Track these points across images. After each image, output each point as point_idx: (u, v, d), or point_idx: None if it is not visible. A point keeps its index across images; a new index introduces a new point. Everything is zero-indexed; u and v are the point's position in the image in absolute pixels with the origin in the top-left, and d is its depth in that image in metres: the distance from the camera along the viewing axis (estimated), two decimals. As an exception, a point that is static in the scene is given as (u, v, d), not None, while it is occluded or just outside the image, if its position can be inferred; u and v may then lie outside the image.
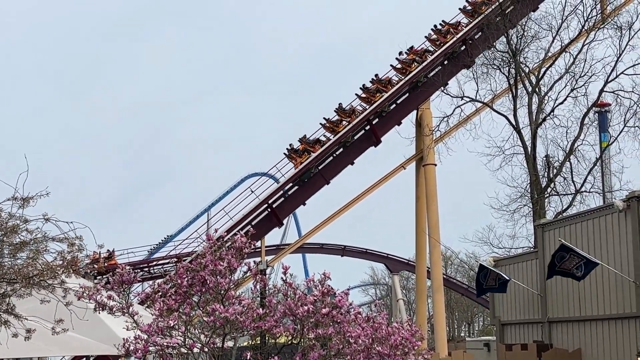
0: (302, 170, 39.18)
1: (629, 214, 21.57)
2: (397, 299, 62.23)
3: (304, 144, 39.88)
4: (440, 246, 42.47)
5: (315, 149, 39.54)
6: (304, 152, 39.53)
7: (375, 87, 40.97)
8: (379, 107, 40.52)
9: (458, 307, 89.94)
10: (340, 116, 40.45)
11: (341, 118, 40.35)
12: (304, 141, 40.01)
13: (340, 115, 40.48)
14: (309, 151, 39.50)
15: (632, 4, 38.27)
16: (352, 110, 40.63)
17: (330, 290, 10.12)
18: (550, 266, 22.63)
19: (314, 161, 39.32)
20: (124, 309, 10.29)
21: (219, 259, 10.14)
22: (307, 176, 39.67)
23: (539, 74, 38.37)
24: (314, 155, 39.31)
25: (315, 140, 40.06)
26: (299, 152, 39.66)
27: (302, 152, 39.57)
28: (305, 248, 58.18)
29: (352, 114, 40.38)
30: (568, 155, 37.72)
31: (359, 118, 40.16)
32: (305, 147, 39.70)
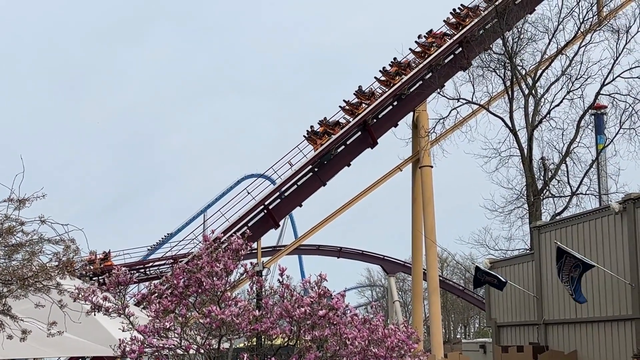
0: (323, 152, 39.45)
1: (624, 216, 21.60)
2: (393, 300, 62.24)
3: (324, 126, 40.15)
4: (436, 248, 42.49)
5: (335, 131, 39.85)
6: (324, 134, 39.83)
7: (395, 71, 41.12)
8: (399, 90, 40.66)
9: (454, 309, 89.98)
10: (359, 99, 40.71)
11: (361, 100, 40.60)
12: (324, 123, 40.29)
13: (359, 97, 40.76)
14: (329, 133, 39.79)
15: (629, 6, 38.30)
16: (372, 93, 40.88)
17: (327, 292, 10.11)
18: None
19: (334, 143, 39.63)
20: (120, 310, 10.28)
21: (215, 261, 10.13)
22: (327, 158, 39.98)
23: (535, 76, 38.43)
24: (334, 137, 39.60)
25: (335, 122, 40.36)
26: (319, 134, 39.91)
27: (322, 134, 39.86)
28: (302, 249, 58.12)
29: (371, 97, 40.65)
30: (564, 157, 37.77)
31: (378, 100, 40.43)
32: (326, 129, 39.97)
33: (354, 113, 40.17)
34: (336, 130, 39.82)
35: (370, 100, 40.42)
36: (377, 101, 40.30)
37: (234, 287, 10.57)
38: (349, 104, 40.53)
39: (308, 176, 40.33)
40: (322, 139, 39.61)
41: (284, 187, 40.04)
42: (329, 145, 39.37)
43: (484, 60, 39.88)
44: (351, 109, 40.37)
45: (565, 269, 21.66)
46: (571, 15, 38.39)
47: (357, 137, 40.96)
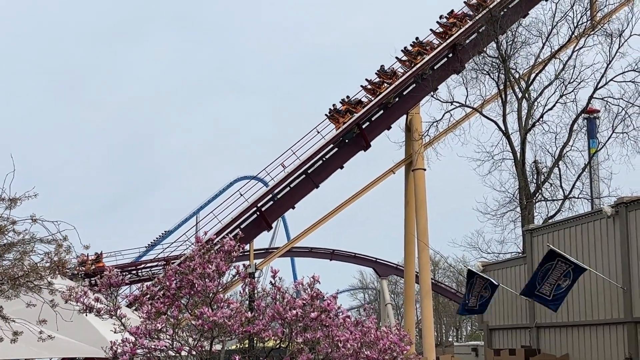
0: (345, 130, 39.68)
1: (617, 220, 21.63)
2: (386, 303, 62.24)
3: (346, 105, 40.37)
4: (429, 251, 42.48)
5: (357, 110, 40.04)
6: (346, 113, 40.09)
7: (417, 50, 41.27)
8: (421, 70, 40.71)
9: (446, 312, 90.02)
10: (381, 78, 40.87)
11: (383, 80, 40.77)
12: (346, 102, 40.50)
13: (381, 77, 40.94)
14: (351, 111, 40.01)
15: (622, 10, 38.39)
16: (393, 72, 41.09)
17: (319, 294, 10.09)
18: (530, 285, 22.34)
19: (356, 121, 39.81)
20: (112, 312, 10.24)
21: (207, 262, 10.10)
22: (349, 137, 40.20)
23: (529, 79, 38.51)
24: (357, 115, 39.81)
25: (357, 101, 40.57)
26: (341, 112, 40.16)
27: (344, 112, 40.10)
28: (294, 252, 58.08)
29: (393, 76, 40.85)
30: (557, 161, 37.86)
31: (400, 80, 40.61)
32: (348, 107, 40.19)
33: (376, 92, 40.39)
34: (358, 108, 40.11)
35: (392, 79, 40.67)
36: (398, 80, 40.53)
37: (226, 288, 10.55)
38: (371, 83, 40.83)
39: (301, 178, 40.30)
40: (345, 117, 39.91)
41: (276, 189, 40.01)
42: (351, 124, 39.64)
43: (478, 63, 39.92)
44: (373, 88, 40.63)
45: (554, 274, 21.64)
46: (565, 19, 38.53)
47: (351, 140, 40.95)
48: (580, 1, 38.79)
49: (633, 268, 20.81)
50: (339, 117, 39.80)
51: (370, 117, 41.00)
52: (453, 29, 41.07)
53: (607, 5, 38.72)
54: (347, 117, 39.75)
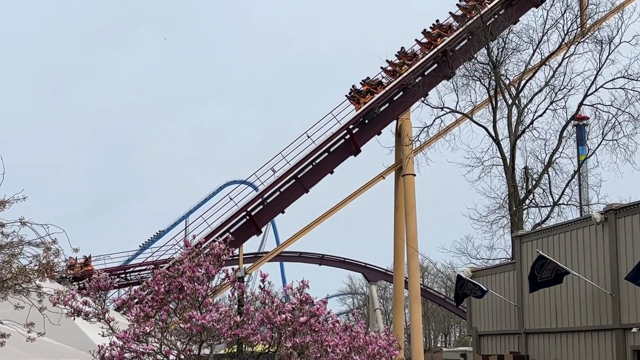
0: (365, 110, 39.95)
1: (606, 226, 21.70)
2: (375, 308, 62.22)
3: (366, 86, 40.59)
4: (418, 256, 42.50)
5: (378, 91, 40.29)
6: (367, 93, 40.36)
7: (437, 32, 41.51)
8: (441, 52, 40.94)
9: (435, 318, 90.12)
10: (402, 59, 41.10)
11: (403, 61, 41.00)
12: (366, 83, 40.73)
13: (402, 58, 41.16)
14: (372, 92, 40.24)
15: (612, 18, 38.53)
16: (414, 54, 41.35)
17: (309, 299, 10.07)
18: (531, 278, 22.62)
19: (377, 102, 40.02)
20: (100, 315, 10.19)
21: (196, 266, 10.07)
22: (370, 117, 40.39)
23: (519, 86, 38.58)
24: (377, 95, 40.09)
25: (377, 82, 40.87)
26: (362, 92, 40.41)
27: (365, 92, 40.37)
28: (283, 256, 58.01)
29: (413, 58, 41.10)
30: (546, 167, 37.92)
31: (420, 61, 40.87)
32: (369, 88, 40.43)
33: (396, 73, 40.64)
34: (379, 89, 40.38)
35: (413, 60, 40.92)
36: (418, 62, 40.82)
37: (215, 292, 10.51)
38: (392, 64, 41.13)
39: (291, 183, 40.28)
40: (366, 97, 40.17)
41: (266, 193, 39.96)
42: (372, 104, 39.86)
43: (469, 69, 40.00)
44: (393, 69, 40.93)
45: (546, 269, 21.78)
46: (555, 27, 38.62)
47: (341, 145, 40.95)
48: (570, 8, 38.95)
49: (622, 275, 20.86)
50: (359, 98, 40.11)
51: (362, 122, 41.03)
52: (472, 11, 41.24)
53: (597, 12, 38.85)
54: (368, 98, 40.12)
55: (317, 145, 39.85)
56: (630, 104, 36.81)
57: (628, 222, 20.92)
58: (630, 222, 20.86)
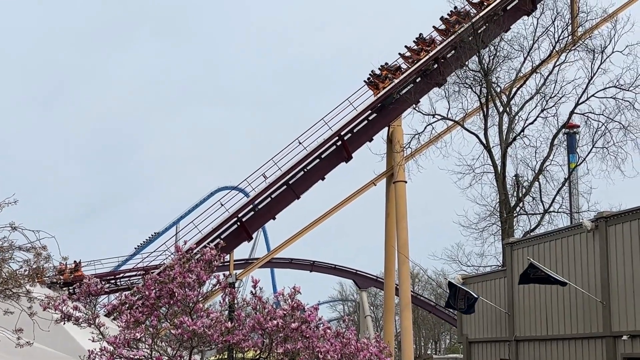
0: (385, 95, 40.39)
1: (596, 234, 21.73)
2: (365, 315, 62.20)
3: (385, 71, 41.02)
4: (409, 263, 42.52)
5: (397, 76, 40.66)
6: (386, 78, 40.86)
7: (455, 19, 41.98)
8: (458, 38, 41.04)
9: (425, 325, 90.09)
10: (420, 45, 41.59)
11: (422, 47, 41.47)
12: (385, 68, 41.16)
13: (420, 44, 41.65)
14: (390, 77, 40.72)
15: (604, 27, 38.64)
16: (432, 40, 41.87)
17: (300, 305, 10.04)
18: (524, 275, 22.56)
19: (396, 87, 40.45)
20: (90, 320, 10.15)
21: (187, 271, 10.04)
22: (389, 101, 40.65)
23: (510, 93, 38.66)
24: (396, 81, 40.58)
25: (396, 67, 41.34)
26: (381, 77, 40.92)
27: (384, 77, 40.86)
28: (274, 263, 58.03)
29: (431, 44, 41.60)
30: (537, 175, 37.98)
31: (438, 48, 41.31)
32: (387, 73, 40.85)
33: (414, 60, 41.24)
34: (397, 74, 40.86)
35: (431, 47, 41.40)
36: (437, 48, 41.25)
37: (206, 298, 10.48)
38: (410, 50, 41.61)
39: (282, 189, 40.27)
40: (385, 82, 40.60)
41: (257, 199, 39.95)
42: (391, 89, 40.23)
43: (460, 76, 40.10)
44: (412, 55, 41.49)
45: None
46: (546, 35, 38.74)
47: (332, 151, 40.98)
48: (561, 16, 39.09)
49: (612, 282, 20.91)
50: (378, 83, 40.56)
51: (352, 129, 41.06)
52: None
53: (587, 20, 38.99)
54: (387, 83, 40.47)
55: (308, 151, 39.88)
56: (621, 112, 36.97)
57: (619, 229, 20.96)
58: (620, 229, 20.90)
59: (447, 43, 41.09)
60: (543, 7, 40.45)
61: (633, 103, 36.69)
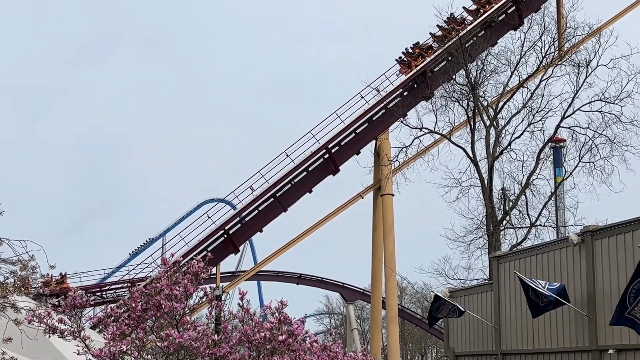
0: (416, 73, 40.80)
1: (583, 248, 21.79)
2: (352, 328, 62.05)
3: (418, 49, 41.56)
4: (396, 276, 42.49)
5: (429, 54, 41.12)
6: (418, 57, 41.40)
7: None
8: (489, 18, 41.83)
9: (411, 338, 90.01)
10: (451, 25, 42.03)
11: (453, 27, 41.87)
12: (417, 47, 41.68)
13: (451, 24, 42.09)
14: (423, 55, 41.26)
15: (589, 41, 38.91)
16: (463, 20, 42.24)
17: (287, 318, 10.01)
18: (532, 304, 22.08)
19: (429, 64, 40.90)
20: (75, 333, 10.08)
21: (174, 284, 10.00)
22: (421, 80, 40.77)
23: (497, 107, 38.84)
24: (429, 59, 41.01)
25: (428, 46, 41.87)
26: (413, 55, 41.47)
27: (417, 55, 41.43)
28: (261, 275, 57.83)
29: (462, 24, 41.95)
30: (524, 189, 38.14)
31: (469, 27, 41.74)
32: (420, 52, 41.46)
33: (445, 38, 41.55)
34: (429, 53, 41.34)
35: (462, 26, 41.76)
36: (468, 28, 41.65)
37: (193, 311, 10.44)
38: (442, 29, 42.04)
39: (269, 202, 40.23)
40: (417, 60, 41.08)
41: (244, 212, 39.89)
42: (424, 67, 40.71)
43: (447, 90, 40.27)
44: (443, 34, 41.92)
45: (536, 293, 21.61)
46: (533, 49, 39.00)
47: (319, 164, 40.99)
48: (548, 31, 39.38)
49: (598, 296, 20.95)
50: (411, 60, 41.13)
51: (340, 141, 41.10)
52: (418, 59, 41.80)
53: (574, 36, 39.27)
54: (420, 61, 40.90)
55: (295, 164, 39.88)
56: (607, 126, 37.19)
57: (605, 243, 21.02)
58: (607, 243, 20.96)
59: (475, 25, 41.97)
60: (530, 22, 40.79)
61: (619, 116, 36.96)
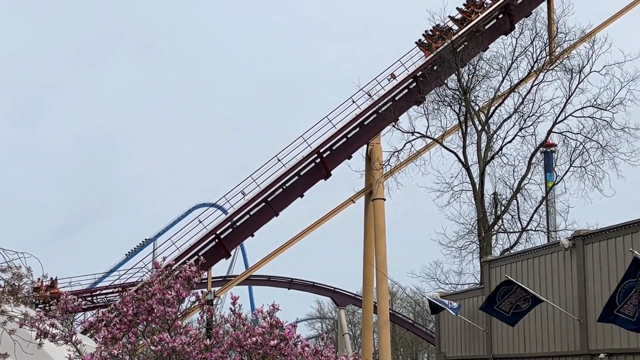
0: (436, 56, 41.08)
1: (574, 252, 21.85)
2: (343, 333, 62.04)
3: (438, 31, 42.12)
4: (387, 281, 42.49)
5: (449, 36, 41.50)
6: (438, 39, 42.01)
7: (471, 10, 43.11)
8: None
9: (403, 343, 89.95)
10: (471, 8, 42.68)
11: (472, 9, 42.58)
12: (437, 29, 42.17)
13: (471, 7, 42.73)
14: (443, 38, 41.85)
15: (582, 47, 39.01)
16: (482, 2, 42.97)
17: (279, 323, 9.99)
18: (490, 301, 22.59)
19: (449, 46, 40.89)
20: (67, 337, 10.05)
21: (166, 288, 9.97)
22: (440, 63, 40.97)
23: (489, 112, 38.90)
24: (449, 41, 41.14)
25: (447, 28, 42.43)
26: (434, 37, 42.12)
27: (437, 37, 42.12)
28: (252, 280, 57.82)
29: (482, 6, 42.72)
30: (515, 193, 38.19)
31: (489, 9, 42.50)
32: (440, 34, 42.03)
33: (465, 21, 42.21)
34: (450, 35, 41.81)
35: (482, 9, 42.51)
36: (487, 10, 42.46)
37: (184, 315, 10.42)
38: (461, 12, 42.62)
39: (261, 206, 40.20)
40: (437, 42, 41.69)
41: (236, 216, 39.85)
42: (445, 48, 40.87)
43: (439, 94, 40.32)
44: (463, 16, 42.50)
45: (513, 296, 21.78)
46: (525, 54, 39.09)
47: (311, 168, 40.99)
48: (539, 36, 39.47)
49: (589, 300, 21.01)
50: (431, 43, 41.77)
51: (331, 146, 41.11)
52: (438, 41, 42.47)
53: (566, 41, 39.37)
54: (440, 43, 41.36)
55: (287, 168, 39.87)
56: (599, 132, 37.28)
57: (596, 248, 21.09)
58: (597, 248, 21.03)
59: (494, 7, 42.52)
60: (522, 27, 40.91)
61: (610, 122, 37.05)
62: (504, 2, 42.58)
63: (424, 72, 41.71)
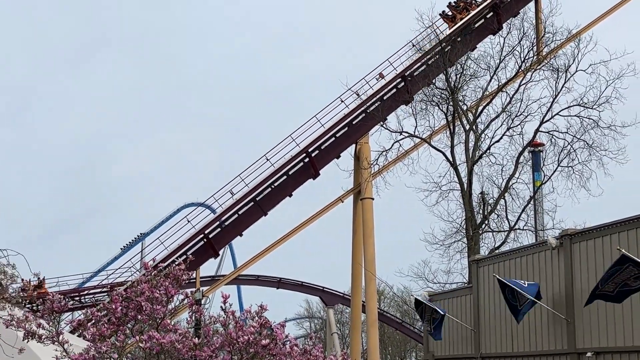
0: (462, 26, 41.64)
1: (561, 251, 21.92)
2: (332, 332, 62.04)
3: (462, 3, 42.72)
4: (376, 280, 42.52)
5: (473, 8, 42.38)
6: (463, 10, 42.60)
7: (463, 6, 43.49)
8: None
9: (391, 342, 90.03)
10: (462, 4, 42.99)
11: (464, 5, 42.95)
12: (460, 0, 42.81)
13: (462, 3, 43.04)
14: (467, 9, 42.56)
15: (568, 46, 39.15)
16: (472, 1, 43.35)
17: (267, 322, 10.00)
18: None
19: (472, 18, 41.97)
20: (54, 338, 10.02)
21: (155, 287, 9.96)
22: (466, 33, 41.47)
23: (477, 112, 38.99)
24: (473, 12, 42.11)
25: (470, 1, 43.05)
26: (458, 8, 42.63)
27: (462, 9, 42.65)
28: (241, 279, 57.76)
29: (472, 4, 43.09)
30: (503, 192, 38.28)
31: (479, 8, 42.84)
32: (465, 5, 42.69)
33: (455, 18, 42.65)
34: (473, 6, 42.60)
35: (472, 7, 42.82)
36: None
37: (174, 314, 10.41)
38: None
39: (249, 206, 40.15)
40: (462, 13, 42.28)
41: (224, 216, 39.78)
42: (469, 20, 41.72)
43: (427, 94, 40.37)
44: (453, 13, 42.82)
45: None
46: (512, 54, 39.19)
47: (300, 168, 40.98)
48: (527, 36, 39.61)
49: (577, 299, 21.08)
50: (456, 14, 42.35)
51: (320, 145, 41.10)
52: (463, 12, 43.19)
53: (553, 41, 39.50)
54: (464, 14, 42.12)
55: (275, 168, 39.85)
56: (586, 131, 37.42)
57: (583, 247, 21.16)
58: (585, 247, 21.10)
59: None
60: (510, 27, 41.02)
61: (597, 121, 37.20)
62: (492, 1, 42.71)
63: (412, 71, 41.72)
